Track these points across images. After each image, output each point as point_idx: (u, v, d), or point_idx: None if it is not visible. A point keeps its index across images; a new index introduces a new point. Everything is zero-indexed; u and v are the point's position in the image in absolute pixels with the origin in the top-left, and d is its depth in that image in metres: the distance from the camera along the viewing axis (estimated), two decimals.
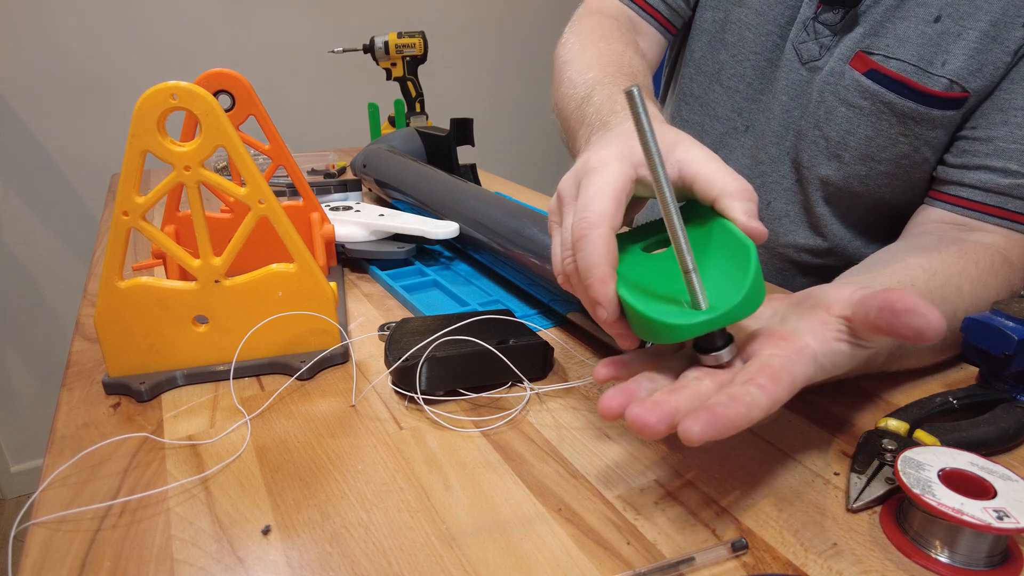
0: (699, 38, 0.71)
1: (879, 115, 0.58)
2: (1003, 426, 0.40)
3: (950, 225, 0.57)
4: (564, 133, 0.64)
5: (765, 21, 0.64)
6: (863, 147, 0.60)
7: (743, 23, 0.66)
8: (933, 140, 0.57)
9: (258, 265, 0.47)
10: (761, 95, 0.67)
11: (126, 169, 0.42)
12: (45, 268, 1.62)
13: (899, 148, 0.59)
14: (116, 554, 0.33)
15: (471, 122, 0.94)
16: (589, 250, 0.35)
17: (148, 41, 1.57)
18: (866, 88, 0.58)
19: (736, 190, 0.35)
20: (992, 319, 0.42)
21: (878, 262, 0.51)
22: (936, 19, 0.54)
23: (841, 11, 0.59)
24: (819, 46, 0.61)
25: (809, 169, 0.64)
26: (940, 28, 0.54)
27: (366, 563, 0.32)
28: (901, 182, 0.61)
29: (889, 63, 0.56)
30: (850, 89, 0.59)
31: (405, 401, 0.46)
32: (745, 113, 0.69)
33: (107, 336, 0.45)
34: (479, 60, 2.04)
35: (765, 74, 0.66)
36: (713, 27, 0.69)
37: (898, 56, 0.56)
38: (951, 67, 0.54)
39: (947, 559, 0.32)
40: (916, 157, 0.59)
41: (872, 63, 0.57)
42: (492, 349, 0.45)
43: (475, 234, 0.65)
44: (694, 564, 0.32)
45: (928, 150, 0.58)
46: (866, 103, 0.58)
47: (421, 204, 0.76)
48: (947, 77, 0.54)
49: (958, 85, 0.54)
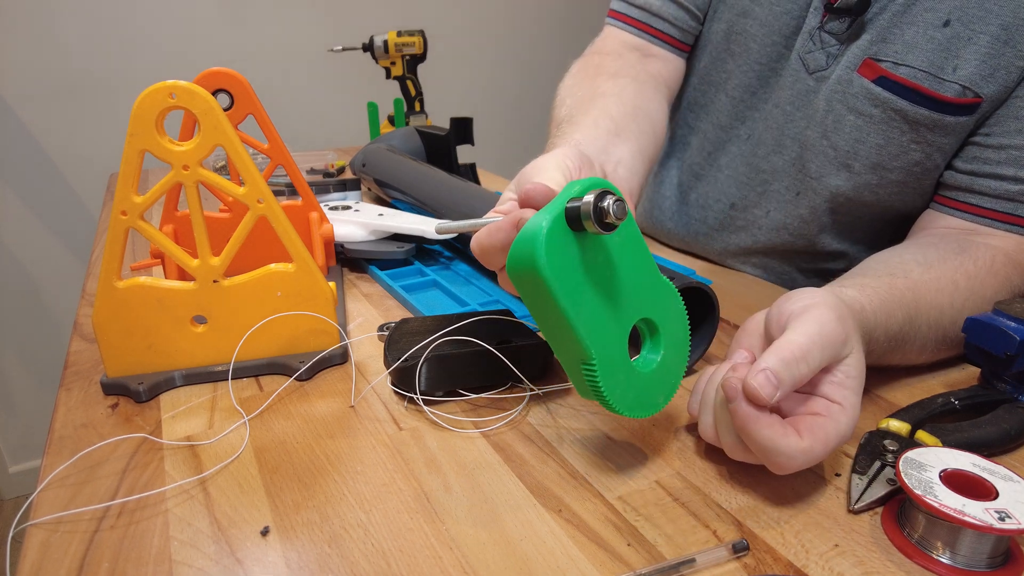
0: (705, 49, 0.71)
1: (890, 123, 0.57)
2: (1005, 427, 0.40)
3: (957, 231, 0.56)
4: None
5: (770, 32, 0.64)
6: (874, 156, 0.59)
7: (748, 34, 0.65)
8: (945, 147, 0.56)
9: (257, 265, 0.47)
10: (764, 104, 0.67)
11: (124, 168, 0.42)
12: (43, 268, 1.61)
13: (911, 156, 0.58)
14: (114, 555, 0.33)
15: (471, 121, 0.94)
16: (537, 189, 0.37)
17: (146, 40, 1.57)
18: (876, 96, 0.57)
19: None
20: (994, 319, 0.42)
21: (876, 260, 0.51)
22: (945, 24, 0.53)
23: (847, 20, 0.58)
24: (826, 55, 0.60)
25: (818, 180, 0.63)
26: (950, 33, 0.53)
27: (365, 564, 0.32)
28: (911, 190, 0.60)
29: (899, 70, 0.55)
30: (859, 97, 0.58)
31: (404, 402, 0.46)
32: (748, 122, 0.68)
33: (105, 336, 0.45)
34: (479, 59, 2.03)
35: (769, 84, 0.66)
36: (718, 38, 0.69)
37: (908, 62, 0.55)
38: (962, 72, 0.53)
39: (949, 560, 0.32)
40: (928, 164, 0.58)
41: (881, 70, 0.56)
42: (492, 349, 0.45)
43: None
44: (695, 565, 0.31)
45: (940, 157, 0.57)
46: (876, 111, 0.57)
47: (421, 204, 0.76)
48: (959, 83, 0.53)
49: (971, 91, 0.53)
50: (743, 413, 0.34)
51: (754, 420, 0.34)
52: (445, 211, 0.70)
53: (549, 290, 0.32)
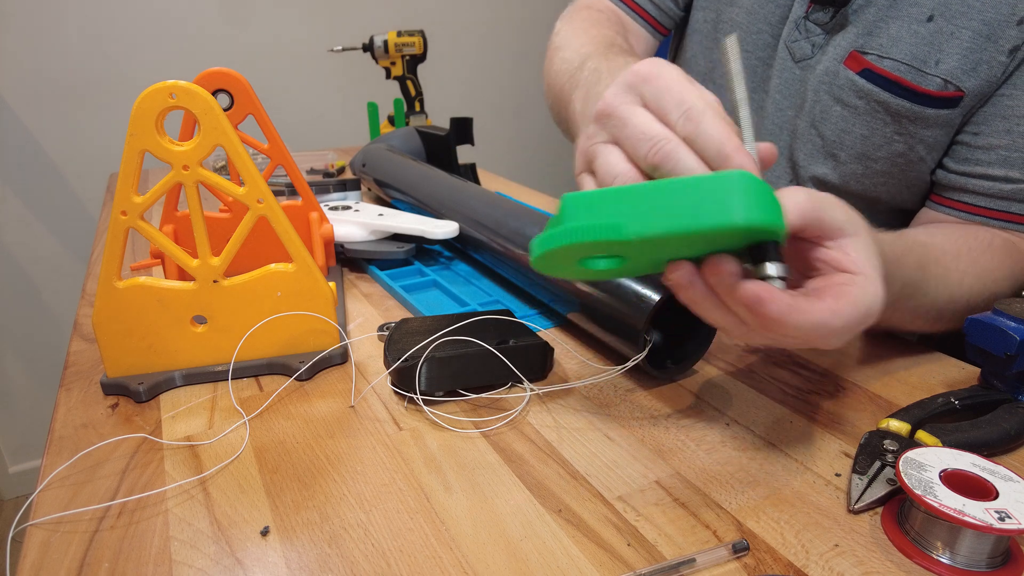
0: (692, 38, 0.72)
1: (873, 114, 0.58)
2: (1004, 427, 0.40)
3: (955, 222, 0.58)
4: (556, 109, 0.65)
5: (756, 20, 0.65)
6: (859, 146, 0.60)
7: (735, 22, 0.66)
8: (928, 139, 0.58)
9: (257, 265, 0.47)
10: (753, 93, 0.67)
11: (124, 168, 0.42)
12: (43, 268, 1.61)
13: (894, 147, 0.59)
14: (114, 555, 0.33)
15: (471, 121, 0.94)
16: (715, 123, 0.33)
17: (146, 40, 1.57)
18: (860, 88, 0.58)
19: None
20: (994, 319, 0.42)
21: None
22: (929, 18, 0.54)
23: (831, 10, 0.59)
24: (811, 45, 0.61)
25: (805, 168, 0.64)
26: (933, 28, 0.54)
27: (365, 564, 0.32)
28: (897, 180, 0.62)
29: (883, 63, 0.56)
30: (844, 88, 0.59)
31: (404, 402, 0.46)
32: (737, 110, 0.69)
33: (105, 336, 0.45)
34: (479, 59, 2.03)
35: (757, 73, 0.67)
36: (705, 27, 0.70)
37: (892, 56, 0.56)
38: (944, 67, 0.54)
39: (948, 560, 0.32)
40: (911, 156, 0.59)
41: (866, 63, 0.57)
42: (492, 350, 0.45)
43: (475, 234, 0.64)
44: (695, 565, 0.31)
45: (923, 148, 0.58)
46: (861, 102, 0.59)
47: (421, 203, 0.76)
48: (941, 76, 0.54)
49: (952, 84, 0.54)
50: (775, 314, 0.32)
51: (794, 315, 0.32)
52: (445, 211, 0.70)
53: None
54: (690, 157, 0.34)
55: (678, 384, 0.48)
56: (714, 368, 0.50)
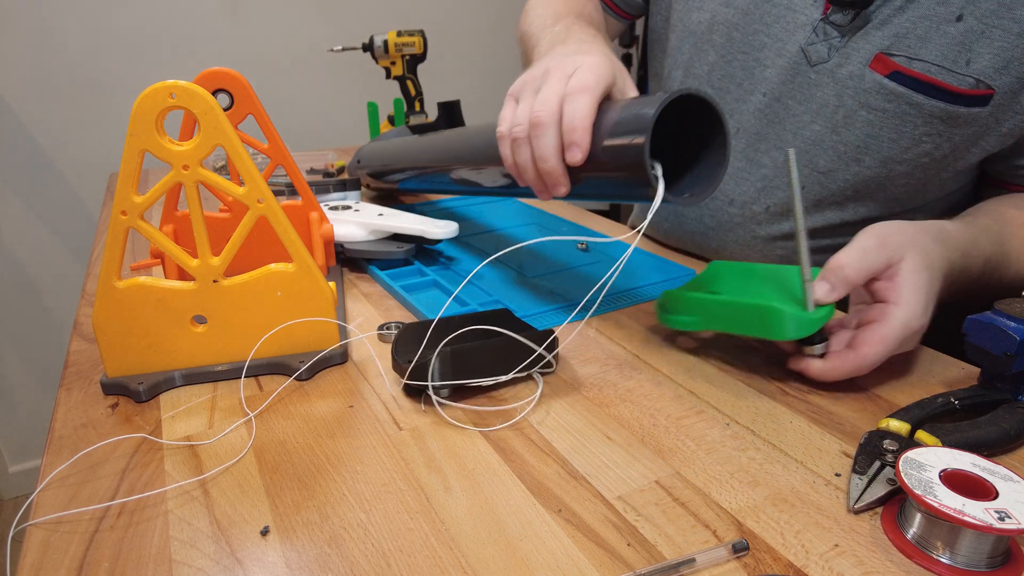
0: (686, 40, 0.71)
1: (903, 117, 0.58)
2: (1004, 427, 0.40)
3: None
4: (523, 52, 0.74)
5: (751, 20, 0.64)
6: (885, 150, 0.60)
7: (730, 23, 0.66)
8: (956, 136, 0.58)
9: (257, 265, 0.47)
10: (750, 96, 0.66)
11: (124, 168, 0.42)
12: (43, 268, 1.61)
13: (921, 147, 0.59)
14: (114, 555, 0.33)
15: (458, 103, 0.91)
16: (583, 103, 0.44)
17: (146, 40, 1.57)
18: (891, 91, 0.57)
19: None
20: (994, 319, 0.42)
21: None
22: (958, 18, 0.54)
23: (852, 12, 0.59)
24: (828, 47, 0.61)
25: (826, 175, 0.64)
26: (963, 27, 0.54)
27: (365, 564, 0.32)
28: (916, 180, 0.62)
29: (913, 64, 0.56)
30: (871, 92, 0.58)
31: (421, 399, 0.46)
32: (736, 115, 0.68)
33: (105, 336, 0.45)
34: (479, 59, 2.03)
35: (754, 75, 0.66)
36: (701, 28, 0.69)
37: (922, 57, 0.56)
38: (976, 66, 0.54)
39: (948, 560, 0.32)
40: (936, 155, 0.59)
41: (895, 65, 0.57)
42: (506, 332, 0.45)
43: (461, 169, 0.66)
44: (695, 565, 0.31)
45: (948, 147, 0.59)
46: (890, 106, 0.58)
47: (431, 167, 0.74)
48: (973, 76, 0.55)
49: (983, 83, 0.55)
50: (819, 375, 0.46)
51: (828, 375, 0.45)
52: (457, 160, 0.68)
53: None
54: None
55: (678, 384, 0.48)
56: (714, 368, 0.50)
